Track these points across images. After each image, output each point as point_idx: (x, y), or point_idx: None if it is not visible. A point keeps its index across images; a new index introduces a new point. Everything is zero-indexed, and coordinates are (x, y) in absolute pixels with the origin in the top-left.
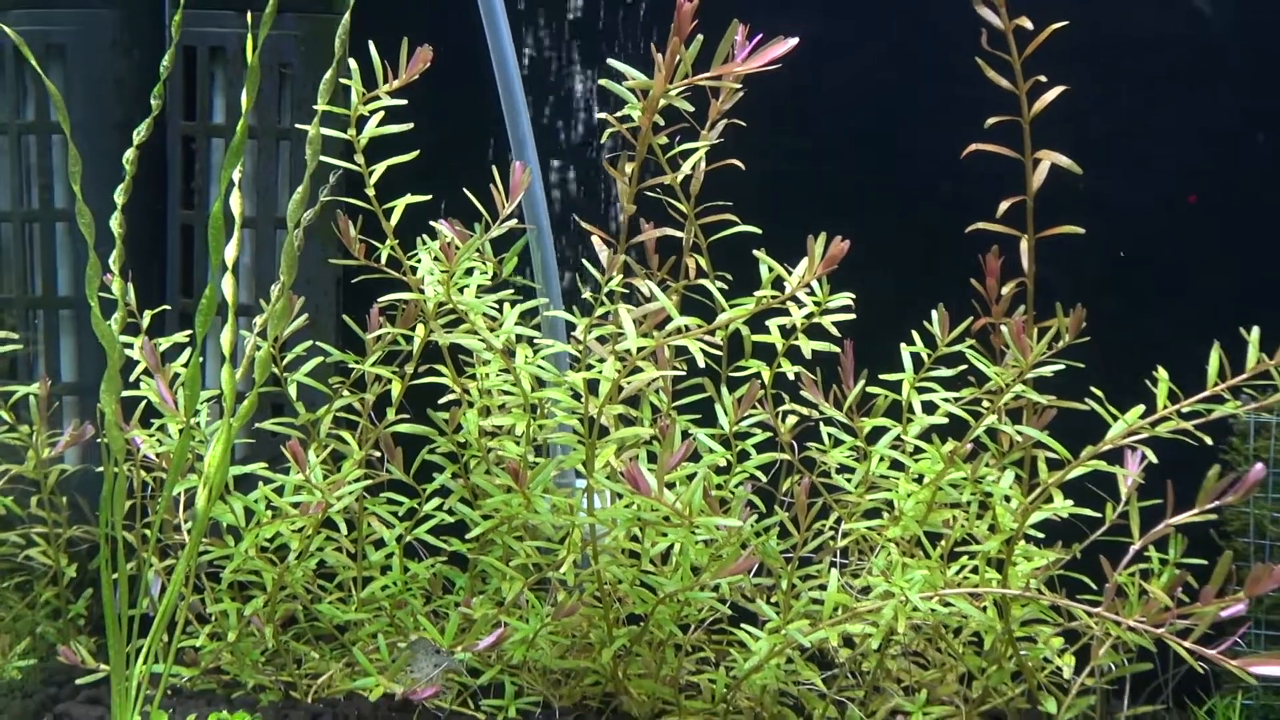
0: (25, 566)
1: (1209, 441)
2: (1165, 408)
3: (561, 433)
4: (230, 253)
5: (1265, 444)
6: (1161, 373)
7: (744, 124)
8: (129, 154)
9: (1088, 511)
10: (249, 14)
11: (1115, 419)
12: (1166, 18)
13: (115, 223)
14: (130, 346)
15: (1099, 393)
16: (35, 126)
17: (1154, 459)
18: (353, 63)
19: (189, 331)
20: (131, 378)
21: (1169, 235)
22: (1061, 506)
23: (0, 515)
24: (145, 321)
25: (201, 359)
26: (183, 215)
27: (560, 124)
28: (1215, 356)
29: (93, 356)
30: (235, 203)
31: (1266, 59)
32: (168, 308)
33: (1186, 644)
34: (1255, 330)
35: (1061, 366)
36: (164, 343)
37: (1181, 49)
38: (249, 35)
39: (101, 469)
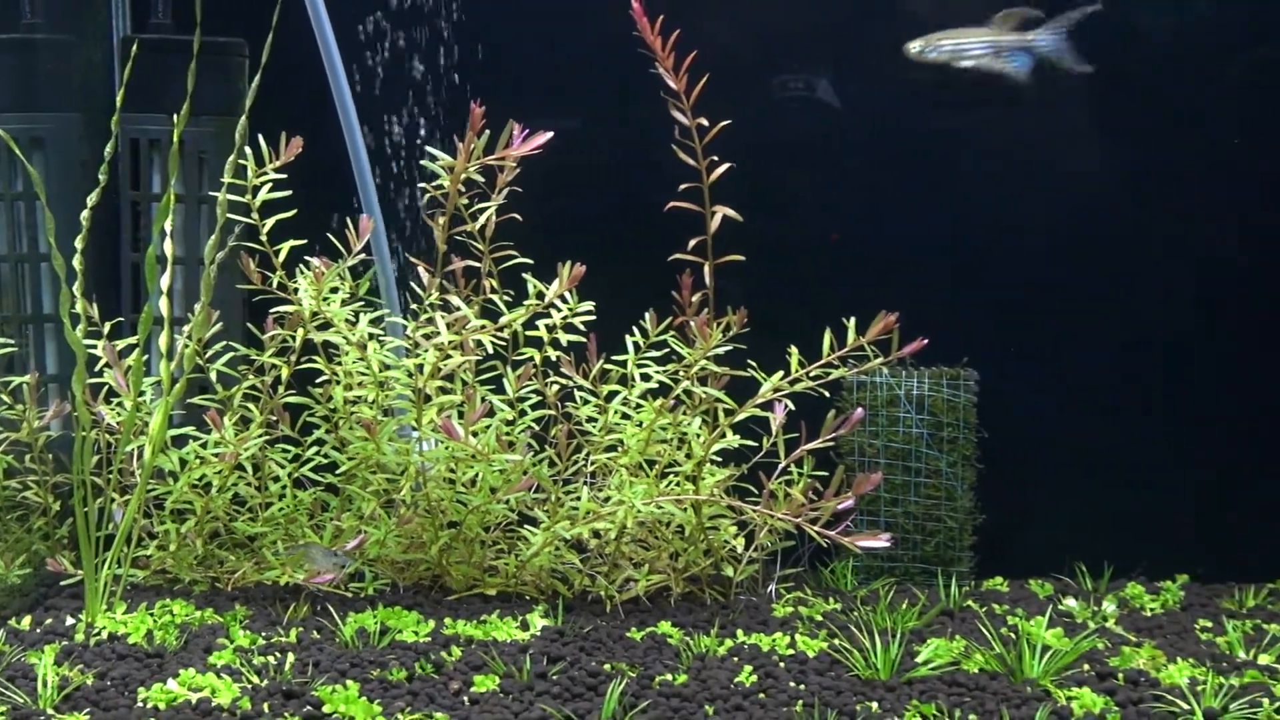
0: (22, 504)
1: (828, 395)
2: (798, 372)
3: (400, 400)
4: (165, 282)
5: (864, 395)
6: (793, 349)
7: (520, 189)
8: (85, 214)
9: (751, 442)
10: (174, 116)
11: (766, 380)
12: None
13: (77, 262)
14: (94, 348)
15: (754, 363)
16: (23, 195)
17: (793, 407)
18: (249, 150)
19: (137, 337)
20: (97, 369)
21: (807, 261)
22: (733, 440)
23: (3, 468)
24: (106, 330)
25: (146, 356)
26: (132, 256)
27: (396, 189)
28: (828, 337)
29: (68, 356)
30: (168, 247)
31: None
32: (122, 320)
33: (816, 528)
34: (853, 319)
35: (730, 348)
36: (120, 344)
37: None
38: (175, 131)
39: (75, 434)
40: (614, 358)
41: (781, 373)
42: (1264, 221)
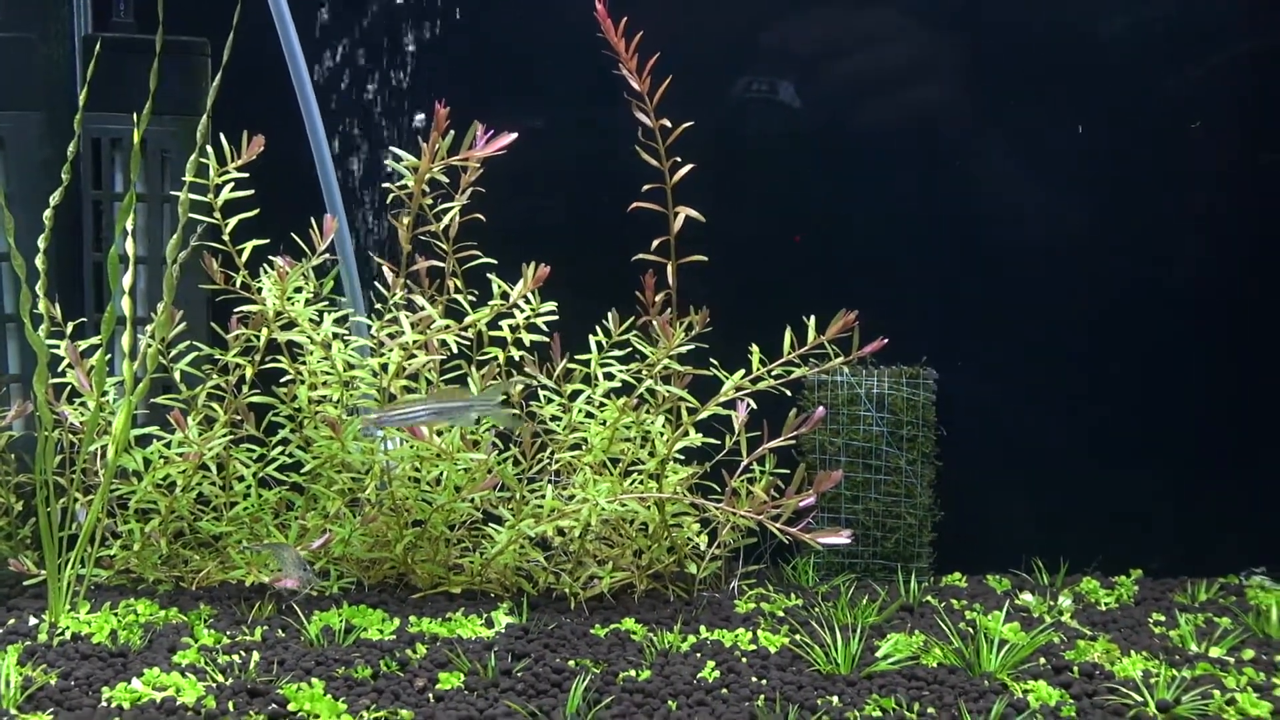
0: None
1: (789, 394)
2: (759, 371)
3: (365, 399)
4: (127, 281)
5: (825, 394)
6: (755, 349)
7: (484, 190)
8: (47, 213)
9: (714, 440)
10: (135, 115)
11: (728, 379)
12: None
13: (39, 262)
14: (57, 348)
15: (717, 362)
16: None
17: (755, 406)
18: (211, 149)
19: (100, 336)
20: (59, 368)
21: (766, 261)
22: (695, 438)
23: None
24: (69, 329)
25: (109, 355)
26: (94, 256)
27: (359, 187)
28: (788, 336)
29: (30, 356)
30: (130, 246)
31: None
32: (85, 319)
33: (778, 525)
34: (812, 318)
35: (693, 346)
36: (82, 344)
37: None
38: (136, 130)
39: (38, 434)
40: (578, 357)
41: (743, 371)
42: (1214, 224)
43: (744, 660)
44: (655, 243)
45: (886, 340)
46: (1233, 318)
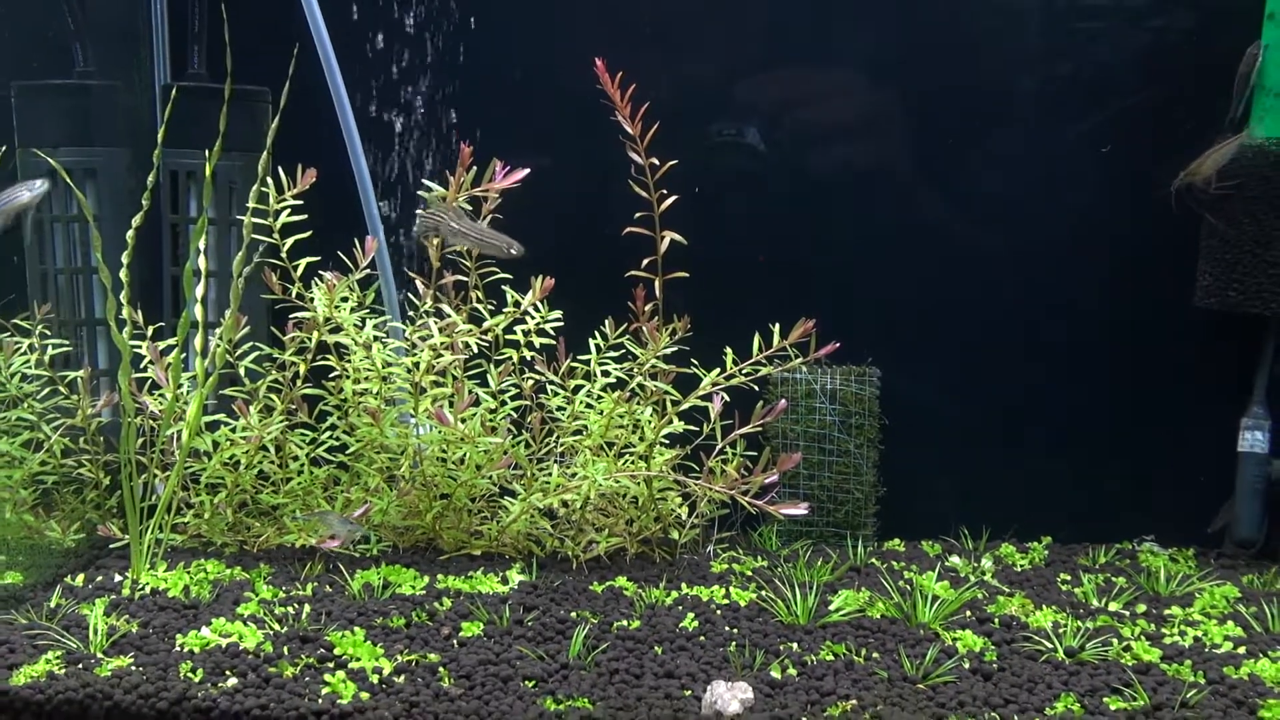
0: (78, 479)
1: (756, 389)
2: (732, 369)
3: (400, 392)
4: (199, 291)
5: (786, 389)
6: (729, 350)
7: (501, 216)
8: (130, 234)
9: (693, 427)
10: (207, 151)
11: (705, 376)
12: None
13: (124, 275)
14: (139, 347)
15: (696, 362)
16: (78, 217)
17: (728, 398)
18: (271, 180)
19: (176, 338)
20: (141, 365)
21: (737, 277)
22: (678, 425)
23: (61, 449)
24: (149, 332)
25: (184, 354)
26: (172, 270)
27: (395, 212)
28: (757, 340)
29: (116, 354)
30: (202, 262)
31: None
32: (163, 324)
33: (747, 499)
34: (776, 326)
35: (676, 349)
36: (161, 345)
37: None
38: (208, 165)
39: (122, 420)
40: (579, 357)
41: (719, 370)
42: (1111, 239)
43: (719, 612)
44: (645, 261)
45: (838, 344)
46: (1126, 322)
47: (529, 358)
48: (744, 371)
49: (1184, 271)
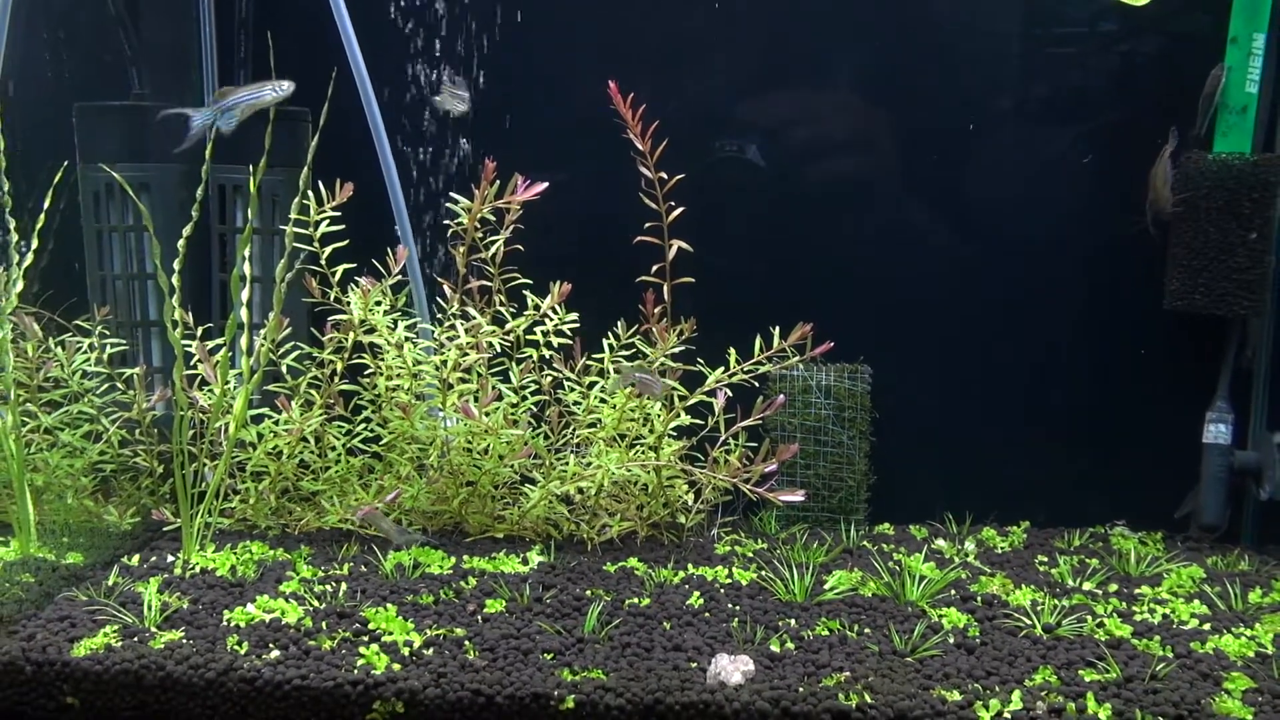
0: (134, 467)
1: (757, 385)
2: (735, 368)
3: (429, 388)
4: (245, 295)
5: (784, 385)
6: (732, 350)
7: (522, 226)
8: (181, 243)
9: (699, 421)
10: (252, 167)
11: (710, 373)
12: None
13: (176, 280)
14: (190, 347)
15: (702, 360)
16: (134, 227)
17: (731, 394)
18: (311, 193)
19: (224, 338)
20: (192, 363)
21: (739, 283)
22: (685, 419)
23: (118, 439)
24: (199, 333)
25: (231, 353)
26: (220, 275)
27: (425, 223)
28: (758, 341)
29: (169, 353)
30: (248, 269)
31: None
32: (212, 325)
33: (748, 486)
34: (776, 328)
35: (683, 348)
36: (210, 344)
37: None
38: (252, 179)
39: (175, 413)
40: (594, 355)
41: (723, 368)
42: (1085, 237)
43: (722, 591)
44: (654, 268)
45: (833, 344)
46: (1101, 324)
47: (548, 356)
48: (745, 369)
49: (1154, 277)
